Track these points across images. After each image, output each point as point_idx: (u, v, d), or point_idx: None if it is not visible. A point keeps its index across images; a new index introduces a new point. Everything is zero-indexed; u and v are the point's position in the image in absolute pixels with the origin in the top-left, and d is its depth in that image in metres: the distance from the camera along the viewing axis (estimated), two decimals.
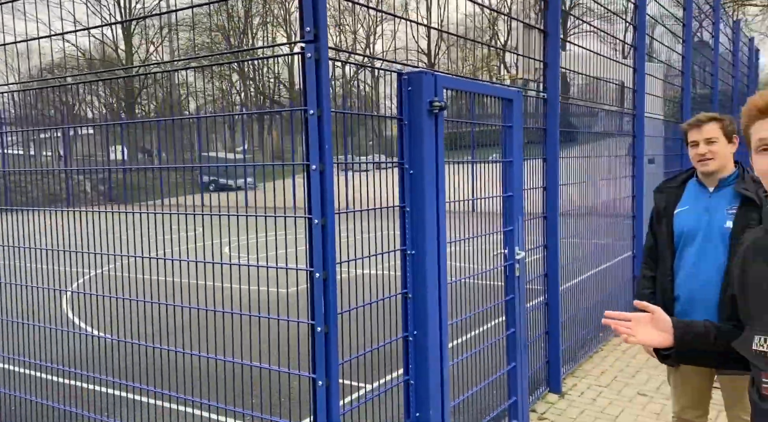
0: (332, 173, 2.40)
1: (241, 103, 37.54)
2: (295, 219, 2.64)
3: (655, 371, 4.84)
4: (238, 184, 18.47)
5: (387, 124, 4.74)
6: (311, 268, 2.41)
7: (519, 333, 3.74)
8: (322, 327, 2.39)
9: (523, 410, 3.80)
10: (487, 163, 3.65)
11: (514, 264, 3.67)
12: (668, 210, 2.67)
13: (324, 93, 2.32)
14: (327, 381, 2.40)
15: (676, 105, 7.89)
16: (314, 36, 2.29)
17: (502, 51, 34.11)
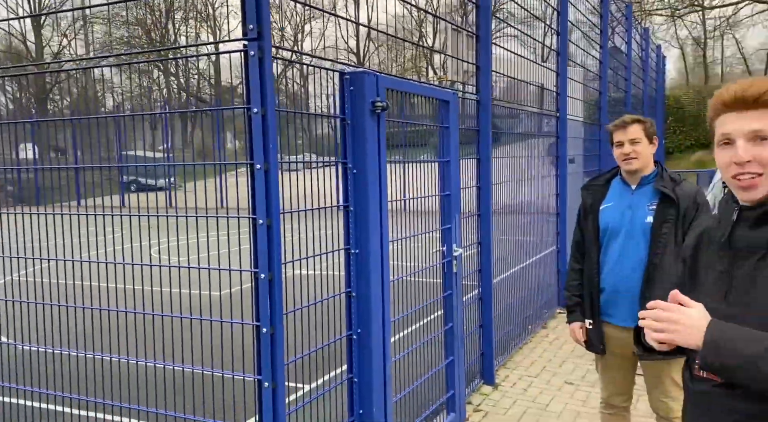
0: (277, 172, 2.38)
1: (162, 100, 36.12)
2: (227, 219, 2.60)
3: (580, 360, 5.12)
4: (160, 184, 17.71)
5: (317, 122, 4.73)
6: (256, 269, 2.38)
7: (456, 327, 3.85)
8: (268, 329, 2.37)
9: (460, 403, 3.92)
10: (424, 163, 3.73)
11: (452, 261, 3.77)
12: (594, 206, 2.84)
13: (268, 91, 2.30)
14: (273, 383, 2.38)
15: (594, 107, 8.35)
16: (258, 34, 2.26)
17: (430, 52, 34.72)
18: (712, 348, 1.26)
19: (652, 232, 2.63)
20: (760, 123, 1.31)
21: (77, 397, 2.97)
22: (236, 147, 21.24)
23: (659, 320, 1.36)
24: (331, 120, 3.14)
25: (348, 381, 2.96)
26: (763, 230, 1.35)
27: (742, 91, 1.32)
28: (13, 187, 18.07)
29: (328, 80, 3.11)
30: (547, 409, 4.16)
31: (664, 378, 2.72)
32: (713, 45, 41.85)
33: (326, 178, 3.10)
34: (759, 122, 1.31)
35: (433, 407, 3.73)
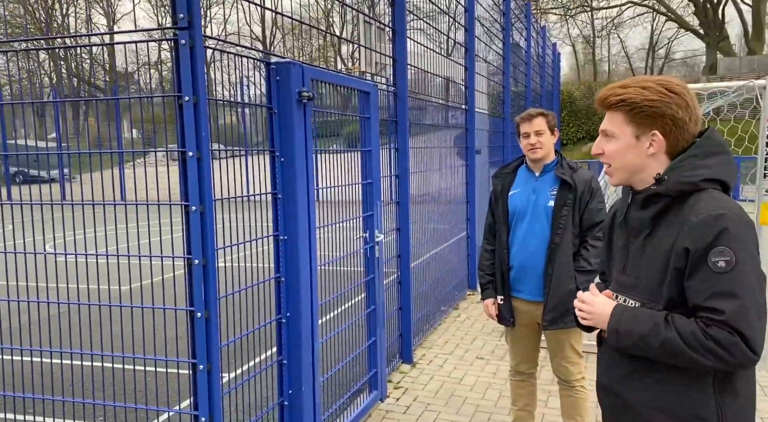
0: (209, 160, 2.42)
1: (51, 86, 33.51)
2: (114, 211, 2.60)
3: (489, 337, 5.49)
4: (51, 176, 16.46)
5: (221, 111, 4.71)
6: (189, 255, 2.41)
7: (378, 310, 4.03)
8: (203, 313, 2.42)
9: (382, 381, 4.11)
10: (347, 152, 3.86)
11: (374, 246, 3.94)
12: (503, 192, 3.12)
13: (200, 80, 2.33)
14: (209, 364, 2.43)
15: (498, 101, 8.84)
16: (188, 23, 2.29)
17: (338, 43, 34.65)
18: (614, 334, 1.58)
19: (553, 215, 2.94)
20: (607, 123, 1.61)
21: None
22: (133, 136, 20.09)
23: (581, 309, 1.68)
24: (237, 109, 3.18)
25: (278, 363, 3.05)
26: (647, 211, 1.60)
27: (599, 96, 1.63)
28: None
29: (236, 69, 3.14)
30: (461, 383, 4.46)
31: (564, 345, 3.05)
32: (601, 44, 45.11)
33: (253, 168, 3.15)
34: (607, 123, 1.62)
35: (357, 386, 3.90)
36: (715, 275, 1.41)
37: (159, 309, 2.69)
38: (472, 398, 4.19)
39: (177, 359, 2.51)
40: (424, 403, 4.11)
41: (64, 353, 2.83)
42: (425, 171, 5.60)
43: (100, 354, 2.70)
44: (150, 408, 2.79)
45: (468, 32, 6.67)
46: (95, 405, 3.22)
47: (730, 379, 1.49)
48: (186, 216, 2.40)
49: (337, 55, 38.29)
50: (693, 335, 1.41)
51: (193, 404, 2.46)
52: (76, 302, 2.85)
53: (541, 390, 4.19)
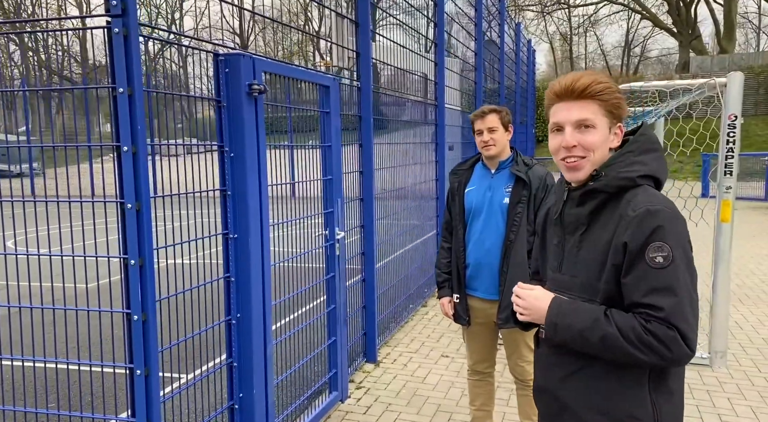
0: (146, 155, 2.31)
1: (21, 78, 32.70)
2: (93, 208, 2.48)
3: (455, 334, 5.44)
4: (22, 170, 16.02)
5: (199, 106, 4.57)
6: (125, 255, 2.30)
7: (339, 309, 3.95)
8: (140, 315, 2.31)
9: (343, 381, 4.04)
10: (306, 147, 3.76)
11: (335, 243, 3.85)
12: (460, 189, 3.05)
13: (135, 70, 2.21)
14: (146, 369, 2.33)
15: (471, 97, 8.80)
16: (122, 10, 2.17)
17: (317, 37, 34.44)
18: (552, 328, 1.53)
19: (508, 212, 2.88)
20: (585, 113, 1.51)
21: None
22: (107, 130, 19.83)
23: (518, 304, 1.62)
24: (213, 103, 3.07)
25: (227, 366, 2.95)
26: (584, 207, 1.56)
27: (572, 83, 1.51)
28: None
29: (207, 62, 3.04)
30: (424, 382, 4.40)
31: (520, 344, 3.00)
32: (578, 41, 45.50)
33: (207, 164, 3.04)
34: (584, 112, 1.51)
35: (316, 386, 3.81)
36: (653, 271, 1.40)
37: (101, 311, 2.57)
38: (434, 397, 4.13)
39: (113, 363, 2.40)
40: (386, 403, 4.04)
41: (13, 358, 2.70)
42: (394, 167, 5.52)
43: (46, 359, 2.58)
44: (95, 417, 2.68)
45: (437, 27, 6.60)
46: (39, 413, 3.08)
47: (664, 378, 1.49)
48: (122, 214, 2.28)
49: (316, 49, 38.02)
50: (633, 331, 1.40)
51: (130, 411, 2.35)
52: (17, 305, 2.71)
53: (503, 389, 4.15)
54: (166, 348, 2.50)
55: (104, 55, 2.28)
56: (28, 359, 2.64)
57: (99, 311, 2.28)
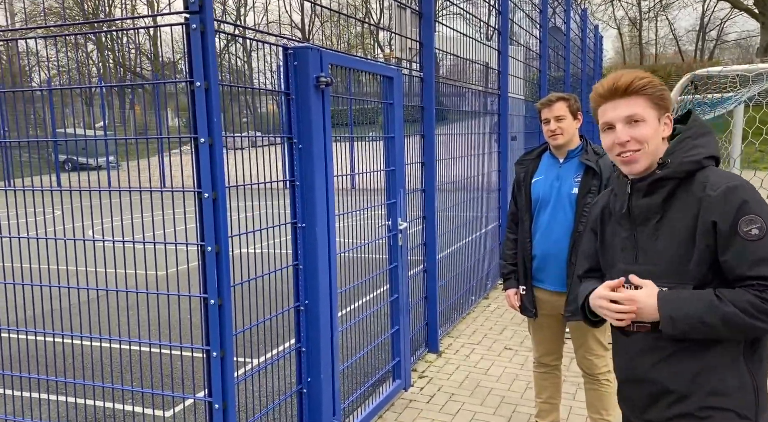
0: (221, 146, 2.40)
1: (98, 76, 34.52)
2: (172, 199, 2.61)
3: (518, 327, 5.38)
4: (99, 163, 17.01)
5: (262, 100, 4.69)
6: (202, 242, 2.41)
7: (402, 298, 3.98)
8: (216, 300, 2.42)
9: (406, 369, 4.08)
10: (366, 139, 3.80)
11: (398, 234, 3.89)
12: (526, 179, 3.01)
13: (211, 65, 2.30)
14: (222, 351, 2.44)
15: (535, 86, 8.61)
16: (199, 6, 2.26)
17: (376, 29, 34.52)
18: (669, 322, 1.52)
19: (576, 202, 2.81)
20: (633, 109, 1.57)
21: (19, 375, 2.93)
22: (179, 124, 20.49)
23: (620, 310, 1.58)
24: (277, 96, 3.15)
25: (296, 350, 3.05)
26: (655, 197, 1.59)
27: (614, 83, 1.58)
28: None
29: (272, 56, 3.12)
30: (487, 373, 4.38)
31: (588, 337, 2.94)
32: (648, 26, 43.49)
33: (273, 157, 3.13)
34: (631, 108, 1.57)
35: (379, 374, 3.87)
36: (752, 243, 1.45)
37: (180, 296, 2.71)
38: (498, 389, 4.11)
39: (191, 345, 2.53)
40: (449, 393, 4.05)
41: (100, 338, 2.89)
42: (455, 158, 5.49)
43: (130, 340, 2.75)
44: (175, 395, 2.83)
45: (501, 15, 6.48)
46: (122, 389, 3.28)
47: (756, 348, 1.54)
48: (199, 203, 2.39)
49: (375, 41, 38.13)
50: (751, 304, 1.44)
51: (207, 391, 2.47)
52: (104, 288, 2.90)
53: (569, 383, 4.08)
54: (240, 332, 2.60)
55: (174, 51, 2.39)
56: (115, 339, 2.82)
57: (178, 296, 2.40)
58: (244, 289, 2.69)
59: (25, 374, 2.91)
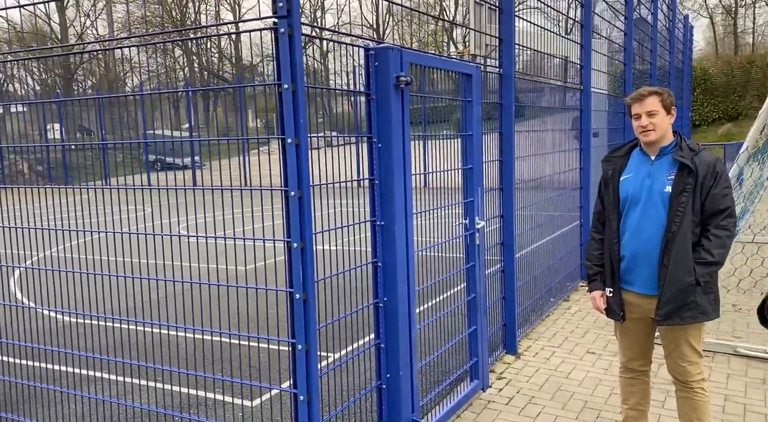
0: (307, 146, 2.48)
1: (185, 79, 36.37)
2: (251, 197, 2.71)
3: (602, 331, 5.19)
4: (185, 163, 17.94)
5: (338, 100, 4.75)
6: (289, 239, 2.50)
7: (479, 298, 3.95)
8: (301, 294, 2.50)
9: (484, 370, 4.04)
10: (442, 137, 3.79)
11: (475, 233, 3.85)
12: (614, 177, 2.89)
13: (298, 67, 2.38)
14: (306, 345, 2.51)
15: (619, 80, 8.26)
16: (287, 11, 2.34)
17: (451, 26, 34.27)
18: None
19: (670, 201, 2.68)
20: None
21: (120, 361, 3.15)
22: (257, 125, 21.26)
23: None
24: (351, 97, 3.21)
25: (375, 346, 3.09)
26: None
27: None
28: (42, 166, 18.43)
29: (348, 57, 3.17)
30: (569, 377, 4.26)
31: (681, 342, 2.79)
32: (744, 13, 40.51)
33: (348, 156, 3.19)
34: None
35: (457, 373, 3.86)
36: None
37: (265, 290, 2.82)
38: (581, 393, 3.99)
39: (278, 338, 2.62)
40: (528, 396, 3.98)
41: (187, 328, 3.06)
42: (534, 155, 5.37)
43: (217, 330, 2.89)
44: (262, 386, 2.96)
45: (584, 8, 6.27)
46: (209, 378, 3.45)
47: None
48: (285, 201, 2.48)
49: (450, 39, 37.89)
50: None
51: (292, 383, 2.56)
52: (193, 281, 3.06)
53: (658, 390, 3.90)
54: (323, 327, 2.67)
55: (253, 55, 2.48)
56: (207, 330, 2.97)
57: (266, 290, 2.50)
58: (326, 285, 2.76)
59: (126, 360, 3.13)
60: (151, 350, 4.41)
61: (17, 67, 17.07)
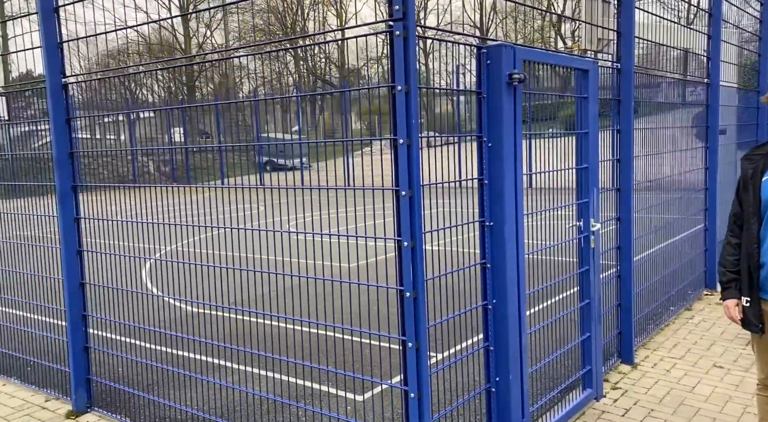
0: (418, 147, 2.50)
1: (294, 84, 38.00)
2: (354, 197, 2.77)
3: (730, 344, 4.77)
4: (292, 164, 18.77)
5: (438, 100, 4.72)
6: (399, 238, 2.53)
7: (593, 304, 3.78)
8: (411, 293, 2.52)
9: (597, 379, 3.85)
10: (560, 136, 3.66)
11: (590, 236, 3.69)
12: (755, 177, 2.64)
13: (411, 69, 2.40)
14: (417, 343, 2.53)
15: (751, 72, 7.55)
16: (403, 14, 2.37)
17: (559, 22, 33.09)
18: None
19: None
20: None
21: (242, 349, 3.34)
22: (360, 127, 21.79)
23: None
24: (452, 97, 3.18)
25: (484, 349, 3.05)
26: None
27: None
28: (166, 167, 20.08)
29: (451, 56, 3.14)
30: (693, 391, 3.96)
31: None
32: None
33: (449, 156, 3.15)
34: None
35: (569, 381, 3.71)
36: None
37: (373, 286, 2.88)
38: (707, 410, 3.69)
39: (388, 334, 2.66)
40: (647, 408, 3.74)
41: (304, 322, 3.20)
42: (654, 154, 5.04)
43: (330, 324, 3.00)
44: (374, 380, 3.03)
45: None
46: (320, 370, 3.57)
47: None
48: (396, 200, 2.51)
49: (557, 34, 36.55)
50: None
51: (402, 380, 2.59)
52: (308, 276, 3.19)
53: None
54: (432, 325, 2.68)
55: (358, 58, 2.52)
56: (321, 323, 3.08)
57: (377, 287, 2.54)
58: (435, 284, 2.76)
59: (248, 349, 3.32)
60: (263, 341, 4.64)
61: (147, 77, 18.69)
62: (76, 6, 3.77)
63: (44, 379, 4.40)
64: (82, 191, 3.95)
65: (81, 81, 3.98)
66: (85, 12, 3.71)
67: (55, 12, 3.71)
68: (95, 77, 3.94)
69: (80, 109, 4.09)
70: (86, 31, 3.87)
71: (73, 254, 3.91)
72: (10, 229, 4.67)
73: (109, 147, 5.43)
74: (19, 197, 4.62)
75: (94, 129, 4.53)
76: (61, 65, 3.76)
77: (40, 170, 4.51)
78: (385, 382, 3.06)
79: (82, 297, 3.97)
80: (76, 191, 3.89)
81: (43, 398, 4.25)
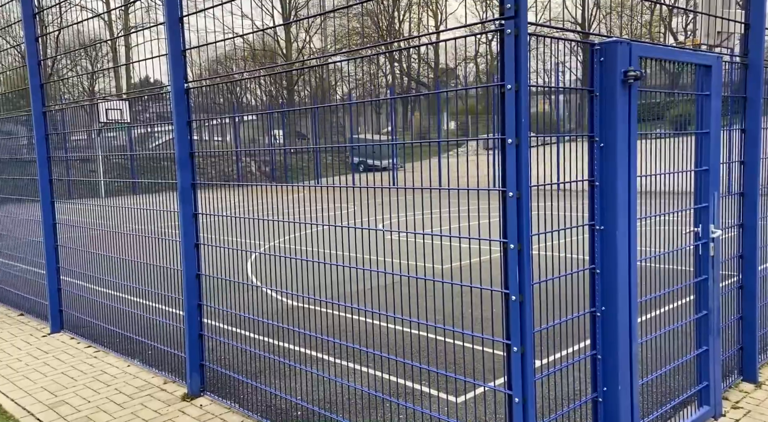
0: (527, 147, 2.44)
1: (387, 86, 38.46)
2: (449, 199, 2.73)
3: None
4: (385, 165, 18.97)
5: (534, 100, 4.54)
6: (505, 240, 2.49)
7: (712, 316, 3.52)
8: (517, 296, 2.47)
9: (716, 396, 3.59)
10: (678, 136, 3.44)
11: (709, 243, 3.44)
12: None
13: (522, 68, 2.36)
14: (522, 347, 2.48)
15: None
16: (514, 12, 2.33)
17: (669, 15, 31.15)
18: None
19: None
20: None
21: (343, 343, 3.43)
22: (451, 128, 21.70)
23: None
24: (550, 96, 3.07)
25: (591, 357, 2.93)
26: None
27: None
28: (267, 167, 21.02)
29: (549, 54, 3.02)
30: None
31: None
32: None
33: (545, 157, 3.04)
34: None
35: (683, 396, 3.48)
36: None
37: (476, 288, 2.85)
38: None
39: (492, 337, 2.63)
40: None
41: (404, 320, 3.24)
42: None
43: (432, 324, 3.01)
44: (476, 383, 3.01)
45: None
46: (420, 369, 3.59)
47: None
48: (503, 202, 2.47)
49: (666, 29, 34.40)
50: None
51: (507, 383, 2.55)
52: (407, 275, 3.22)
53: None
54: (538, 331, 2.61)
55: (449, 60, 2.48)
56: (422, 322, 3.10)
57: (480, 289, 2.52)
58: (540, 289, 2.69)
59: (348, 343, 3.40)
60: (359, 337, 4.74)
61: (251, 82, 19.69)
62: (190, 16, 4.04)
63: (162, 362, 4.75)
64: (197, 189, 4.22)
65: (201, 85, 4.26)
66: (198, 20, 3.97)
67: (180, 21, 4.00)
68: (212, 82, 4.21)
69: (195, 113, 4.36)
70: (198, 39, 4.13)
71: (191, 247, 4.19)
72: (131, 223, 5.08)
73: (216, 148, 5.77)
74: (138, 193, 5.02)
75: (202, 131, 4.82)
76: (184, 71, 4.04)
77: (154, 169, 4.87)
78: (488, 385, 3.01)
79: (197, 288, 4.24)
80: (195, 189, 4.17)
81: (162, 380, 4.59)
